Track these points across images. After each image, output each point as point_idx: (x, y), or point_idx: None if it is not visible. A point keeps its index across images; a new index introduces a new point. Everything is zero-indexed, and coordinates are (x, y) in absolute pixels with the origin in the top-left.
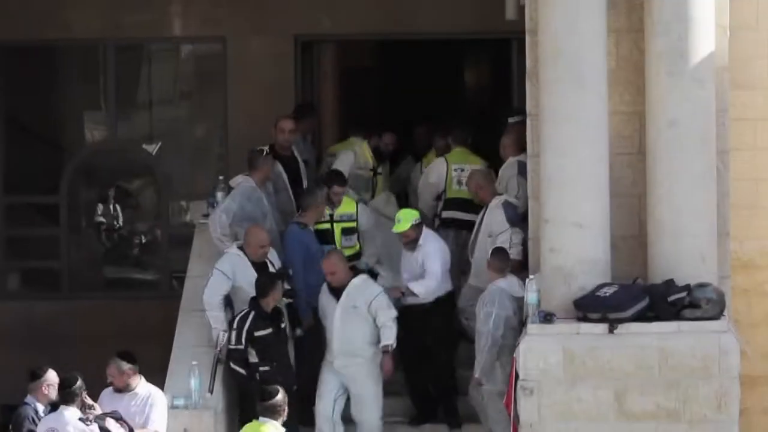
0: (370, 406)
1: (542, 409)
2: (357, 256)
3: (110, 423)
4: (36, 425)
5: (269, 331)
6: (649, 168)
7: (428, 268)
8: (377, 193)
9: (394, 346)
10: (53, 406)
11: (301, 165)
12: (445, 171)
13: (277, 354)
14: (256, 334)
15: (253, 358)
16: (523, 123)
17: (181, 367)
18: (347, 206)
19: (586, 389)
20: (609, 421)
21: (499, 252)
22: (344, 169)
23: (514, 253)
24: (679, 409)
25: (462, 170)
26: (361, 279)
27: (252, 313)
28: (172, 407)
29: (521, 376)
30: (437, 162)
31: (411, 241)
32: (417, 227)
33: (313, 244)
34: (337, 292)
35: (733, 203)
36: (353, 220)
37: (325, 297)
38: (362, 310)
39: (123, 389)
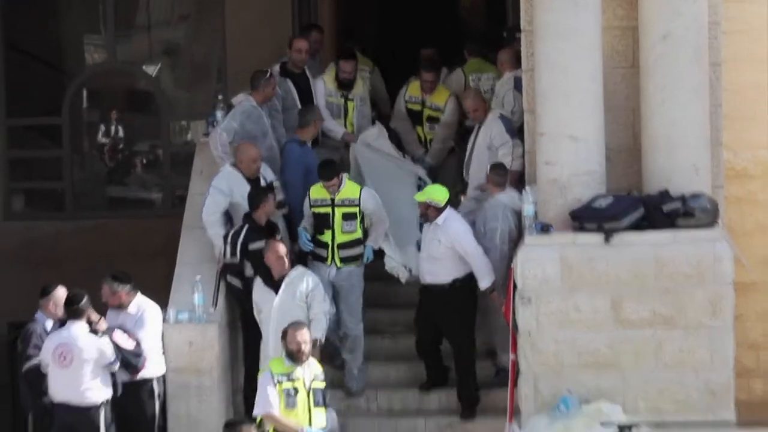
0: None
1: (540, 317)
2: (357, 242)
3: (117, 335)
4: (43, 341)
5: (264, 242)
6: (642, 81)
7: (468, 252)
8: (349, 118)
9: (323, 340)
10: (62, 323)
11: (312, 83)
12: (463, 81)
13: None
14: (251, 247)
15: (249, 271)
16: (513, 40)
17: (185, 282)
18: (350, 191)
19: (583, 298)
20: (606, 329)
21: (498, 167)
22: (319, 99)
23: (517, 165)
24: (674, 316)
25: (479, 78)
26: (299, 270)
27: (246, 227)
28: (177, 322)
29: (519, 286)
30: (455, 73)
31: (428, 215)
32: (441, 210)
33: (311, 161)
34: (274, 284)
35: (727, 114)
36: (355, 205)
37: (260, 290)
38: (299, 301)
39: (117, 308)
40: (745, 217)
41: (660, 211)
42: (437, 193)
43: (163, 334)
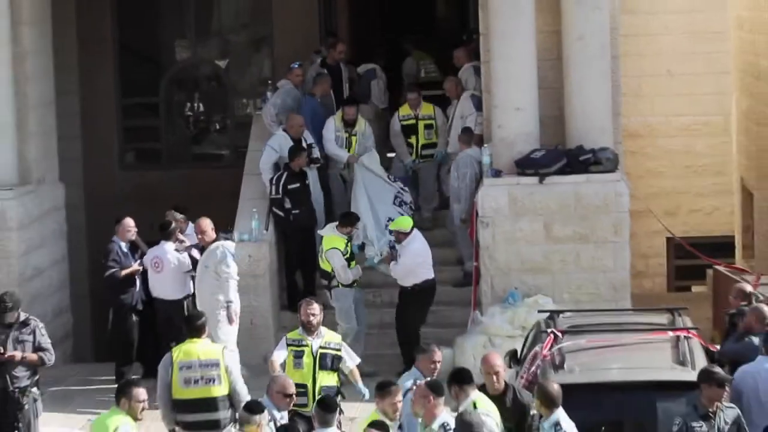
0: None
1: (495, 236)
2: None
3: (194, 251)
4: (119, 257)
5: (298, 185)
6: (565, 69)
7: (401, 260)
8: (352, 149)
9: (233, 300)
10: (131, 243)
11: (344, 74)
12: (415, 66)
13: (304, 202)
14: (289, 187)
15: (288, 204)
16: (470, 41)
17: (245, 213)
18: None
19: (525, 222)
20: (540, 244)
21: (466, 130)
22: (330, 133)
23: (479, 130)
24: (588, 234)
25: (425, 64)
26: (216, 245)
27: (285, 173)
28: (240, 241)
29: (480, 214)
30: (408, 61)
31: (401, 239)
32: (407, 234)
33: (318, 108)
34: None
35: (623, 92)
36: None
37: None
38: (211, 270)
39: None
40: (638, 164)
41: (577, 160)
42: (404, 224)
43: None
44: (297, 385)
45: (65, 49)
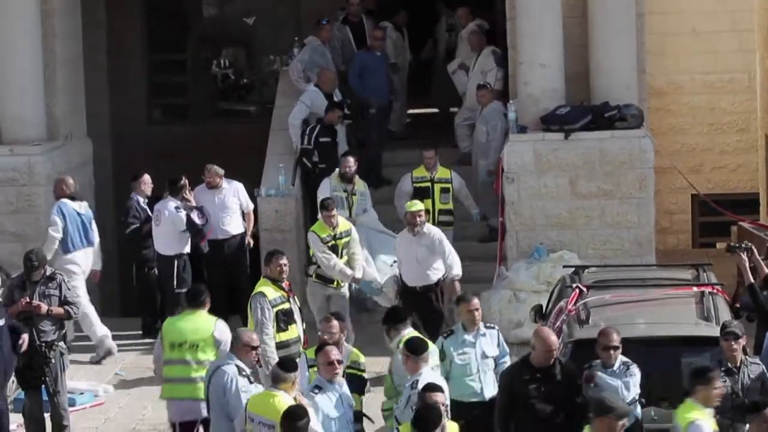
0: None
1: (520, 191)
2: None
3: (194, 213)
4: (139, 212)
5: (328, 139)
6: (590, 26)
7: (446, 250)
8: (352, 208)
9: (96, 268)
10: (149, 198)
11: (367, 29)
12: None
13: (331, 157)
14: (321, 140)
15: (315, 158)
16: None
17: (272, 168)
18: (345, 225)
19: (550, 178)
20: (565, 200)
21: (481, 86)
22: (325, 193)
23: (499, 86)
24: (613, 190)
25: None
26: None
27: (319, 126)
28: (267, 195)
29: (505, 169)
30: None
31: (421, 223)
32: (426, 213)
33: (370, 62)
34: None
35: (648, 50)
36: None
37: None
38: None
39: (214, 187)
40: (662, 121)
41: (602, 117)
42: (419, 204)
43: (256, 203)
44: None
45: (93, 6)
